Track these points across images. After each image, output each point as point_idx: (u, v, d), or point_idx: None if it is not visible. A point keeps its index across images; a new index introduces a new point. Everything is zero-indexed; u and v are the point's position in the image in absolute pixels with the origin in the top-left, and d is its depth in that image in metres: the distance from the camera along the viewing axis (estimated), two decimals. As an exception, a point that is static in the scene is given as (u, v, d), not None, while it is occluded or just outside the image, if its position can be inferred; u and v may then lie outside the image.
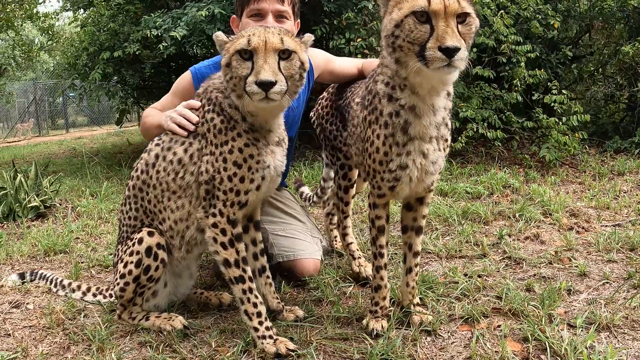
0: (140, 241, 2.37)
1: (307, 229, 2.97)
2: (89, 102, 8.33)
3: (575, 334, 2.15)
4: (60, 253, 3.79)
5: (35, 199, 5.04)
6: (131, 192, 2.48)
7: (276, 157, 2.22)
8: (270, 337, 2.18)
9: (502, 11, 5.58)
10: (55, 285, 3.01)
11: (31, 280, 3.14)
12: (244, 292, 2.22)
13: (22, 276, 3.17)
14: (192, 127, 2.26)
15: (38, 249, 3.86)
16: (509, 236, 3.47)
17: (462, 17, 1.79)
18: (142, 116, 2.81)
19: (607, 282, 2.71)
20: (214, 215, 2.19)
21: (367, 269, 2.81)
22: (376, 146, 2.09)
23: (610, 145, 6.31)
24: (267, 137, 2.19)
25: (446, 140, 2.12)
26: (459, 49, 1.71)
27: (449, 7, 1.74)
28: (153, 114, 2.68)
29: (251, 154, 2.14)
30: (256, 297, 2.24)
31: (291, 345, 2.15)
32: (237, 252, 2.22)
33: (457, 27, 1.77)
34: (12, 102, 24.58)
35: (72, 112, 25.38)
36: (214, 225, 2.20)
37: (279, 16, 2.66)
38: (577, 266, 2.89)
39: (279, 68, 1.99)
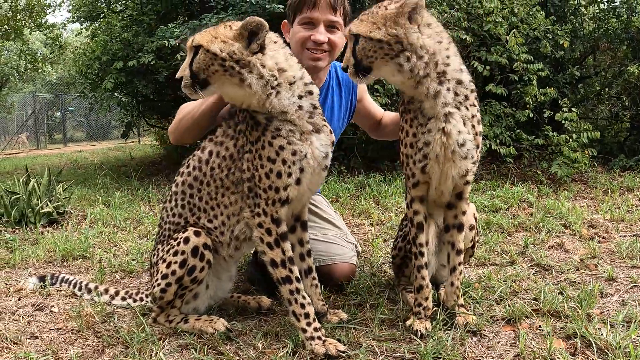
0: (187, 241, 2.33)
1: (342, 234, 3.01)
2: (99, 112, 8.33)
3: (614, 331, 2.21)
4: (79, 258, 3.73)
5: (48, 205, 4.99)
6: (179, 188, 2.46)
7: (314, 145, 2.19)
8: (319, 337, 2.17)
9: (514, 30, 5.75)
10: (80, 289, 2.96)
11: (52, 284, 3.08)
12: (291, 292, 2.22)
13: (41, 279, 3.11)
14: None
15: (55, 253, 3.82)
16: (533, 245, 3.55)
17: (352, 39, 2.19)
18: (178, 112, 2.69)
19: (636, 286, 2.80)
20: (258, 215, 2.22)
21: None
22: (406, 130, 2.28)
23: (616, 162, 6.47)
24: (295, 124, 2.17)
25: (473, 126, 2.23)
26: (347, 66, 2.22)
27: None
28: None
29: (281, 145, 2.14)
30: (304, 297, 2.24)
31: (341, 347, 2.13)
32: (283, 252, 2.22)
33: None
34: (12, 113, 24.51)
35: (70, 127, 25.31)
36: (260, 225, 2.22)
37: (330, 26, 2.69)
38: (604, 271, 2.98)
39: (190, 64, 2.15)
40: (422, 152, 2.22)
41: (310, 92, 2.24)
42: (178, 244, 2.36)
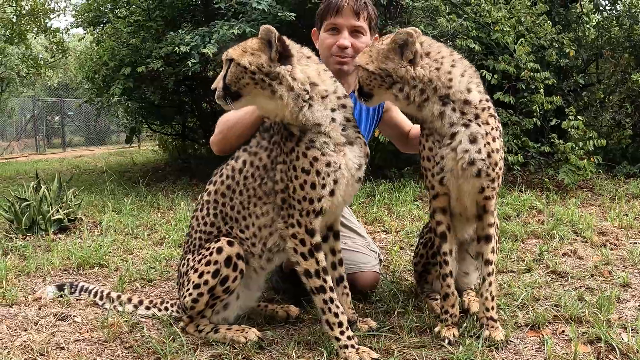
0: (220, 250, 2.36)
1: (366, 242, 3.09)
2: (110, 118, 8.35)
3: (635, 335, 2.31)
4: (96, 266, 3.72)
5: (59, 212, 4.94)
6: (211, 197, 2.49)
7: (347, 157, 2.24)
8: (353, 346, 2.21)
9: (522, 39, 5.85)
10: (102, 298, 2.95)
11: (71, 293, 3.05)
12: (324, 302, 2.26)
13: (60, 288, 3.09)
14: None
15: (71, 261, 3.78)
16: (547, 252, 3.64)
17: None
18: (218, 123, 2.74)
19: (651, 292, 2.89)
20: (292, 225, 2.26)
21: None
22: (423, 144, 2.40)
23: (620, 170, 6.59)
24: (329, 136, 2.21)
25: (488, 143, 2.25)
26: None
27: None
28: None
29: (315, 156, 2.18)
30: (337, 306, 2.26)
31: (374, 355, 2.17)
32: (317, 262, 2.26)
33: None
34: (13, 117, 24.45)
35: (67, 131, 25.25)
36: (293, 235, 2.26)
37: (355, 31, 2.76)
38: (619, 278, 3.07)
39: (224, 76, 2.22)
40: (440, 165, 2.31)
41: (344, 106, 2.30)
42: (210, 254, 2.38)
